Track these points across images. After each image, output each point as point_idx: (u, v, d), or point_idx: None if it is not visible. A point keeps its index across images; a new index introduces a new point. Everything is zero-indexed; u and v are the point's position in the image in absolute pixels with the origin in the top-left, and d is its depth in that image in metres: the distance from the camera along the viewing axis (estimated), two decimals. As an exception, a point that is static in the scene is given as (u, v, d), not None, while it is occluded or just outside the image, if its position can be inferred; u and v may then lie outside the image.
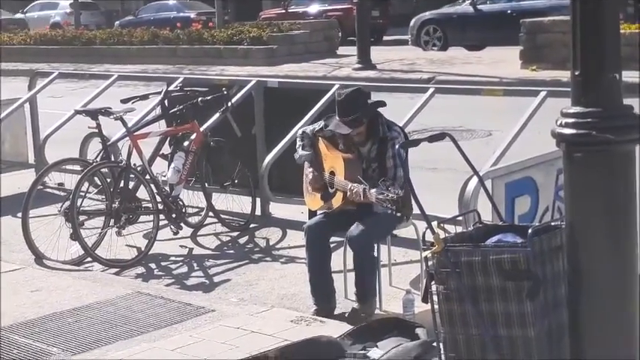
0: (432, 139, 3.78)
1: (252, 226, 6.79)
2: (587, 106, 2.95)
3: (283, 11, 24.64)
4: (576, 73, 2.96)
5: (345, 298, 5.05)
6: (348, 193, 4.65)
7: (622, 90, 2.99)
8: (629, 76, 12.05)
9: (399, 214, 4.47)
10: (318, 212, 5.04)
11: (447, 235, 3.51)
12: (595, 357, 3.05)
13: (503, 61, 16.30)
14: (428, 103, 6.58)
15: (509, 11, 18.95)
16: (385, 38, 24.57)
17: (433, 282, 3.43)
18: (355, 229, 4.69)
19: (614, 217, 3.01)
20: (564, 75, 11.42)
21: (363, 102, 4.87)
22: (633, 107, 3.00)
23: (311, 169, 5.00)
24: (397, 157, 4.70)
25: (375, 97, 7.52)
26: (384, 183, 4.57)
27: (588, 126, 2.93)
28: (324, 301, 4.86)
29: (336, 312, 4.89)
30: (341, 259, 5.05)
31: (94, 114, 6.46)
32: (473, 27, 19.43)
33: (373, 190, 4.47)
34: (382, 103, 5.01)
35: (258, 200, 6.89)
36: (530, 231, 3.21)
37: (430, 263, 3.43)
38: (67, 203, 5.87)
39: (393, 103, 7.71)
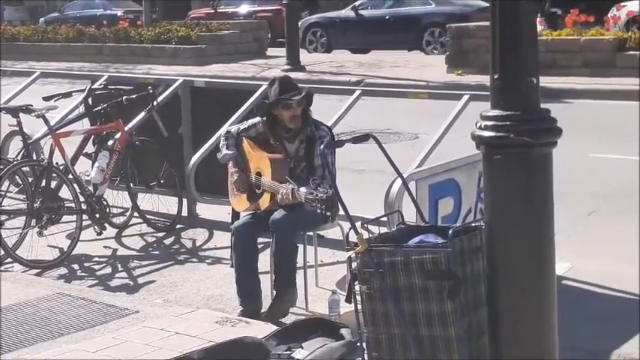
0: (356, 140, 3.81)
1: (178, 226, 6.74)
2: (505, 109, 3.02)
3: (212, 11, 24.49)
4: (495, 77, 3.03)
5: (272, 299, 5.04)
6: (278, 197, 4.63)
7: (540, 94, 3.08)
8: (549, 81, 12.40)
9: (328, 214, 4.48)
10: (244, 213, 5.03)
11: (370, 235, 3.55)
12: (513, 356, 3.12)
13: (430, 65, 16.54)
14: (355, 104, 6.63)
15: (387, 17, 20.06)
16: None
17: (357, 282, 3.46)
18: (278, 214, 4.69)
19: (532, 218, 3.08)
20: (488, 79, 11.69)
21: (298, 89, 4.90)
22: (550, 111, 3.08)
23: (235, 169, 4.98)
24: (324, 156, 4.73)
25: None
26: (314, 182, 4.59)
27: (507, 129, 3.00)
28: (250, 302, 4.85)
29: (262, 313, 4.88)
30: (268, 261, 5.05)
31: (14, 111, 6.33)
32: (355, 31, 20.51)
33: (302, 190, 4.47)
34: (312, 96, 5.00)
35: (184, 201, 6.84)
36: (450, 232, 3.26)
37: (354, 264, 3.46)
38: (-14, 203, 5.73)
39: (323, 105, 7.75)
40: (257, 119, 5.07)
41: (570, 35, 14.06)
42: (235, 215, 5.24)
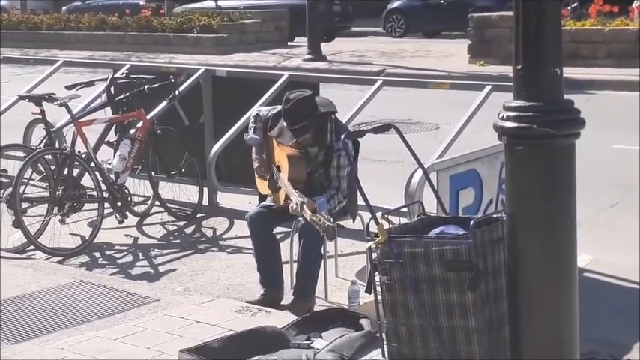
0: (377, 130, 3.80)
1: (199, 215, 6.76)
2: (528, 99, 3.00)
3: (234, 0, 24.44)
4: (518, 68, 3.01)
5: (291, 289, 5.05)
6: (291, 206, 4.59)
7: (563, 85, 3.05)
8: (572, 72, 12.30)
9: (331, 240, 4.47)
10: (260, 204, 5.03)
11: (391, 226, 3.54)
12: (534, 348, 3.11)
13: (452, 55, 16.47)
14: (376, 95, 6.61)
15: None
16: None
17: (377, 272, 3.46)
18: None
19: (554, 210, 3.06)
20: (511, 70, 11.62)
21: (310, 111, 4.74)
22: (573, 102, 3.06)
23: (257, 157, 4.97)
24: (342, 169, 4.70)
25: (325, 87, 7.59)
26: (328, 193, 4.57)
27: (529, 120, 2.98)
28: (272, 289, 4.85)
29: (282, 302, 4.89)
30: (287, 250, 5.06)
31: (37, 100, 6.37)
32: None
33: (307, 212, 4.41)
34: (332, 112, 4.86)
35: (205, 190, 6.86)
36: (471, 223, 3.25)
37: (374, 254, 3.46)
38: (10, 190, 5.77)
39: (344, 95, 7.76)
40: None
41: (594, 25, 13.93)
42: (262, 198, 5.21)
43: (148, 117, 6.63)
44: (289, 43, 19.74)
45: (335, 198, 4.71)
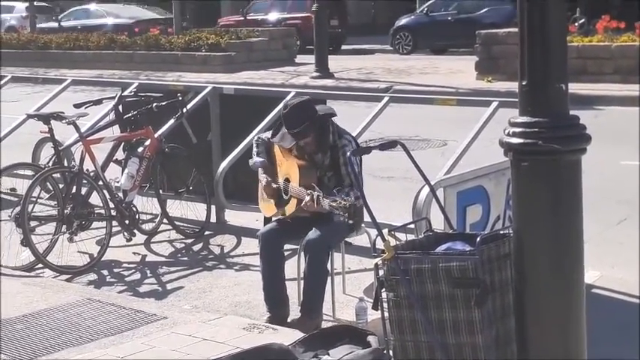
0: (383, 147, 3.81)
1: (206, 233, 6.77)
2: (534, 115, 3.00)
3: (242, 18, 24.63)
4: (523, 83, 3.02)
5: (299, 306, 5.05)
6: (303, 203, 4.65)
7: (569, 101, 3.05)
8: (579, 88, 12.30)
9: (351, 222, 4.47)
10: (273, 219, 5.04)
11: (397, 242, 3.54)
12: (542, 364, 3.10)
13: (459, 71, 16.49)
14: (383, 111, 6.62)
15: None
16: (344, 47, 24.71)
17: (383, 289, 3.45)
18: (312, 234, 4.70)
19: (561, 226, 3.06)
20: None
21: (308, 114, 4.81)
22: (579, 118, 3.06)
23: (264, 176, 5.01)
24: (350, 165, 4.72)
25: (332, 105, 7.60)
26: (343, 190, 4.60)
27: (535, 135, 2.99)
28: (277, 308, 4.85)
29: (289, 319, 4.89)
30: (295, 267, 5.06)
31: (46, 118, 6.40)
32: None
33: (326, 200, 4.48)
34: (331, 115, 4.94)
35: (213, 207, 6.88)
36: (478, 239, 3.25)
37: (381, 271, 3.45)
38: (18, 209, 5.80)
39: (351, 112, 7.77)
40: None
41: (601, 42, 13.94)
42: (267, 221, 5.25)
43: (155, 135, 6.66)
44: (297, 61, 19.81)
45: (351, 194, 4.69)
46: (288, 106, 4.87)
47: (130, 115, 6.69)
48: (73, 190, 6.08)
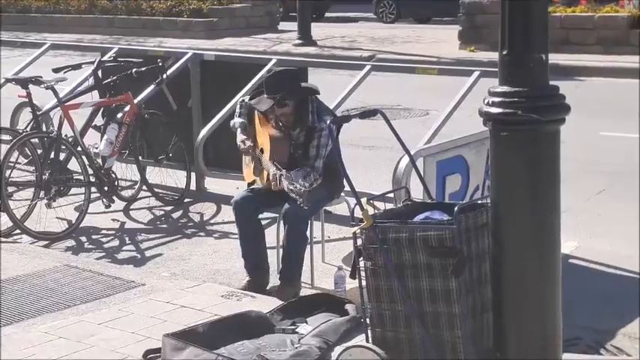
0: (363, 115, 3.79)
1: (186, 200, 6.74)
2: (513, 85, 2.99)
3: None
4: (504, 53, 3.00)
5: (278, 274, 5.05)
6: (270, 178, 4.64)
7: (549, 71, 3.04)
8: (562, 58, 12.30)
9: (305, 208, 4.45)
10: (248, 186, 5.03)
11: (376, 211, 3.53)
12: (517, 333, 3.12)
13: (442, 41, 16.44)
14: (365, 80, 6.58)
15: None
16: (327, 15, 24.56)
17: (361, 258, 3.45)
18: (291, 203, 4.68)
19: (539, 196, 3.06)
20: (501, 56, 11.61)
21: (291, 83, 4.78)
22: (559, 88, 3.05)
23: (242, 136, 4.96)
24: (321, 149, 4.70)
25: (314, 73, 7.56)
26: (304, 169, 4.59)
27: (514, 105, 2.97)
28: (256, 274, 4.85)
29: (268, 287, 4.89)
30: (274, 236, 5.05)
31: (24, 82, 6.32)
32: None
33: (285, 181, 4.47)
34: (314, 91, 4.87)
35: (192, 175, 6.84)
36: (456, 209, 3.25)
37: (359, 240, 3.45)
38: (-5, 174, 5.74)
39: (334, 80, 7.75)
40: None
41: (584, 12, 13.92)
42: (249, 186, 5.21)
43: (135, 101, 6.60)
44: (280, 28, 19.68)
45: (311, 175, 4.69)
46: (272, 71, 4.89)
47: (109, 80, 6.62)
48: (52, 156, 6.02)
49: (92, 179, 6.18)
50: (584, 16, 13.78)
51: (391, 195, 4.21)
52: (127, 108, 6.51)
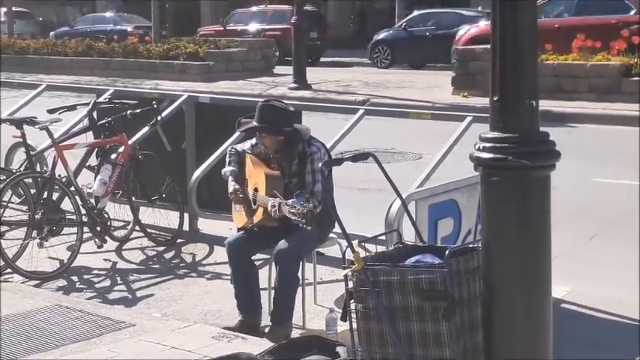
0: (355, 158, 3.82)
1: (179, 241, 6.74)
2: (504, 131, 3.03)
3: (221, 29, 24.63)
4: (494, 99, 3.04)
5: (269, 315, 5.03)
6: (269, 208, 4.66)
7: (539, 117, 3.08)
8: (554, 105, 12.41)
9: (309, 228, 4.48)
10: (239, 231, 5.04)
11: (367, 254, 3.54)
12: (509, 377, 3.12)
13: (436, 86, 16.57)
14: (358, 124, 6.63)
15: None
16: (323, 60, 24.77)
17: (352, 300, 3.46)
18: (283, 244, 4.70)
19: (529, 240, 3.09)
20: (494, 102, 11.62)
21: (280, 119, 4.84)
22: (549, 134, 3.09)
23: (233, 183, 5.00)
24: (316, 173, 4.74)
25: (309, 116, 7.61)
26: (302, 196, 4.62)
27: (505, 151, 3.01)
28: (249, 315, 4.84)
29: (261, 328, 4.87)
30: (266, 276, 5.05)
31: (18, 123, 6.36)
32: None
33: (285, 207, 4.50)
34: (305, 134, 4.94)
35: (186, 215, 6.85)
36: (447, 252, 3.26)
37: (350, 282, 3.46)
38: (-12, 213, 5.74)
39: (328, 124, 7.79)
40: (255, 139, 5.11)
41: (576, 60, 14.08)
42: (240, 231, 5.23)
43: (129, 142, 6.63)
44: (275, 72, 19.83)
45: (310, 201, 4.71)
46: (270, 100, 5.01)
47: (104, 121, 6.66)
48: (45, 196, 6.03)
49: (85, 219, 6.18)
50: (576, 64, 13.92)
51: (383, 237, 4.23)
52: (121, 149, 6.54)
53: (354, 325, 3.46)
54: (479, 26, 18.18)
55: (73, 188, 6.25)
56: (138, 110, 6.65)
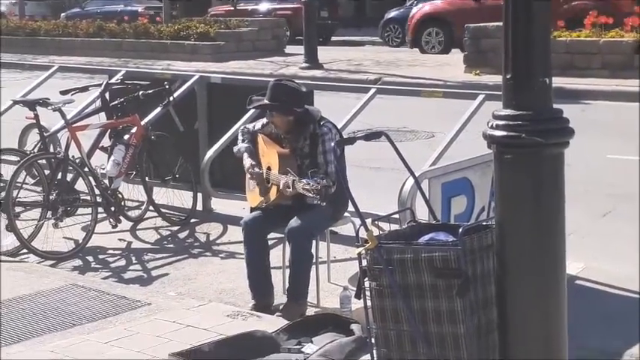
0: (367, 137, 3.81)
1: (192, 220, 6.77)
2: (517, 109, 3.02)
3: (232, 8, 24.55)
4: (507, 77, 3.03)
5: (284, 294, 5.06)
6: (281, 186, 4.68)
7: (552, 94, 3.07)
8: (567, 82, 12.34)
9: (323, 204, 4.50)
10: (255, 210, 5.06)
11: (380, 232, 3.55)
12: (522, 355, 3.13)
13: (447, 64, 16.50)
14: (370, 103, 6.63)
15: None
16: (334, 39, 24.68)
17: (366, 278, 3.47)
18: (295, 222, 4.72)
19: (543, 218, 3.08)
20: (506, 79, 11.55)
21: (291, 99, 4.85)
22: (562, 111, 3.08)
23: (248, 160, 5.01)
24: (328, 154, 4.75)
25: (320, 95, 7.60)
26: (317, 174, 4.63)
27: (518, 128, 3.00)
28: (262, 296, 4.88)
29: (273, 307, 4.91)
30: (279, 256, 5.08)
31: (31, 104, 6.38)
32: None
33: (299, 184, 4.52)
34: (315, 116, 4.95)
35: (199, 195, 6.88)
36: (461, 230, 3.26)
37: (364, 260, 3.47)
38: (3, 194, 5.79)
39: (340, 103, 7.78)
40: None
41: (589, 37, 13.98)
42: (253, 211, 5.25)
43: (142, 123, 6.65)
44: (286, 51, 19.78)
45: (324, 180, 4.72)
46: (282, 80, 5.02)
47: (116, 102, 6.68)
48: (59, 177, 6.07)
49: (99, 199, 6.21)
50: (588, 41, 13.83)
51: (396, 216, 4.23)
52: (134, 130, 6.56)
53: (369, 303, 3.48)
54: (434, 3, 17.96)
55: (86, 169, 6.29)
56: (150, 91, 6.67)
